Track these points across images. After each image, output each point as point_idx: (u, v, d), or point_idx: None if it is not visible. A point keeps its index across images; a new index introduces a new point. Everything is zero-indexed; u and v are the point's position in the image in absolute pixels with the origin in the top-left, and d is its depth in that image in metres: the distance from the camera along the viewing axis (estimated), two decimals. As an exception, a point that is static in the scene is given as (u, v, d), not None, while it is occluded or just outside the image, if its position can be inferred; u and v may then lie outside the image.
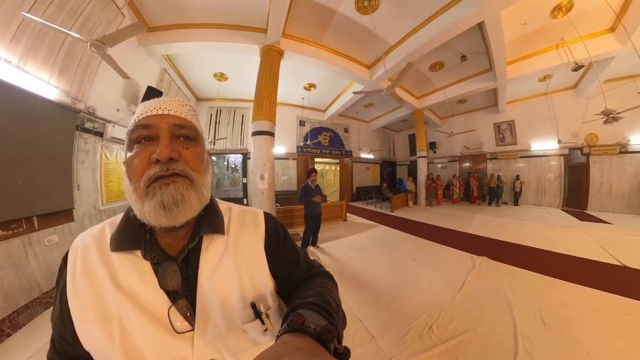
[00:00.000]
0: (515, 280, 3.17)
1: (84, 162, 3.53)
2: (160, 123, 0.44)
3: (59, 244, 2.99)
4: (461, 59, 6.70)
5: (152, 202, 0.41)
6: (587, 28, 5.36)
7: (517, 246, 4.63)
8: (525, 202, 9.80)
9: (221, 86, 7.46)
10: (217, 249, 0.50)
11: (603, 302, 2.64)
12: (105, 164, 3.96)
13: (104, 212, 3.87)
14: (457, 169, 12.07)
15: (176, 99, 0.50)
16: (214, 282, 0.47)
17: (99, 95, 3.75)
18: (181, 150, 0.45)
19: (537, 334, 2.09)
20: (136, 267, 0.45)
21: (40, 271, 2.72)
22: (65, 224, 3.14)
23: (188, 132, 0.47)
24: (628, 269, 3.57)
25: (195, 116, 0.51)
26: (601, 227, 6.23)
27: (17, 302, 2.40)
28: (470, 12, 4.26)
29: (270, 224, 0.59)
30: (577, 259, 3.96)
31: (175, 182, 0.42)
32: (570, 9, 4.81)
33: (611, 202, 7.91)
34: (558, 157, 9.17)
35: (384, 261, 3.96)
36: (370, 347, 1.99)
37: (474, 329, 2.17)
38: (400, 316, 2.42)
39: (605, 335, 2.08)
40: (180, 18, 4.64)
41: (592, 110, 7.13)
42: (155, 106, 0.46)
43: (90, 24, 3.40)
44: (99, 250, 0.46)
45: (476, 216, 7.67)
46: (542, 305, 2.55)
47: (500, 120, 10.35)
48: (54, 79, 3.05)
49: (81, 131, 3.45)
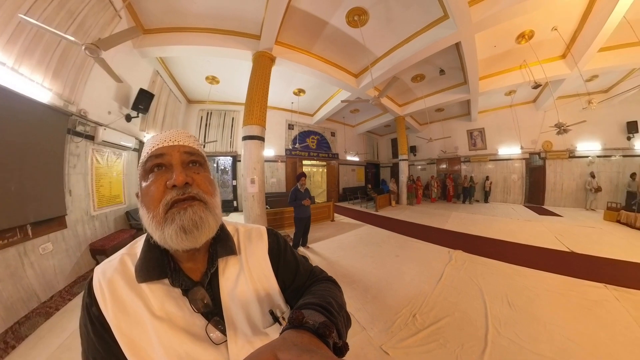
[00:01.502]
0: (486, 269, 3.50)
1: (76, 167, 3.40)
2: (172, 152, 0.48)
3: (53, 252, 2.88)
4: (440, 73, 7.22)
5: (172, 227, 0.42)
6: (544, 54, 6.18)
7: (487, 239, 5.08)
8: (494, 200, 10.78)
9: (212, 89, 7.38)
10: (233, 270, 0.54)
11: (556, 283, 3.05)
12: (97, 168, 3.83)
13: (95, 217, 3.73)
14: (435, 170, 12.85)
15: (182, 131, 0.54)
16: (236, 298, 0.51)
17: (91, 98, 3.62)
18: (193, 176, 0.48)
19: (504, 314, 2.37)
20: (168, 294, 0.47)
21: (38, 281, 2.62)
22: (59, 231, 3.02)
23: (197, 159, 0.51)
24: (575, 254, 4.16)
25: (200, 145, 0.55)
26: (555, 219, 7.05)
27: (18, 313, 2.32)
28: (449, 33, 4.70)
29: (273, 238, 0.64)
30: (536, 248, 4.49)
31: (192, 206, 0.44)
32: (531, 37, 5.57)
33: (563, 198, 9.16)
34: (521, 161, 10.28)
35: (370, 258, 4.07)
36: (362, 337, 2.10)
37: (451, 314, 2.38)
38: (387, 307, 2.55)
39: (557, 310, 2.44)
40: (176, 21, 4.59)
41: (547, 122, 8.29)
42: (166, 138, 0.50)
43: (86, 25, 3.31)
44: (126, 282, 0.47)
45: (452, 213, 8.17)
46: (508, 290, 2.86)
47: (473, 127, 11.31)
48: (47, 81, 2.94)
49: (73, 135, 3.32)
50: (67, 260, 3.09)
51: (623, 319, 2.29)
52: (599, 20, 4.57)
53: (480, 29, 4.59)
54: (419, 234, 5.52)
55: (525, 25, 5.18)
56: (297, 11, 4.44)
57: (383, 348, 1.94)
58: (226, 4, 4.22)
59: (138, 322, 0.44)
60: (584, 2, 4.54)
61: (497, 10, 4.16)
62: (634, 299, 2.64)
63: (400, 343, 2.01)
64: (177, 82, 6.99)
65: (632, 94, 6.30)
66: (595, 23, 4.71)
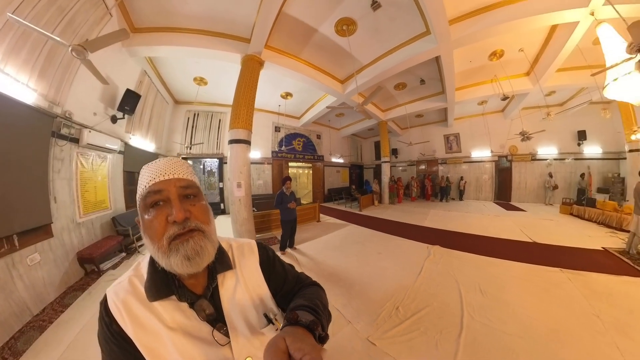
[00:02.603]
0: (461, 262, 3.77)
1: (60, 172, 3.23)
2: (169, 187, 0.51)
3: (41, 262, 2.73)
4: (420, 82, 7.70)
5: (177, 257, 0.48)
6: (512, 70, 6.96)
7: (462, 234, 5.47)
8: (468, 197, 11.65)
9: (200, 90, 7.23)
10: (230, 283, 0.61)
11: (522, 271, 3.41)
12: (81, 172, 3.66)
13: (82, 224, 3.56)
14: (415, 171, 13.51)
15: (176, 160, 0.58)
16: (235, 305, 0.58)
17: (76, 99, 3.47)
18: (190, 208, 0.52)
19: (477, 301, 2.60)
20: (177, 308, 0.54)
21: (28, 294, 2.50)
22: (45, 240, 2.86)
23: (192, 190, 0.54)
24: (536, 244, 4.68)
25: (193, 173, 0.59)
26: (520, 214, 7.81)
27: (12, 328, 2.23)
28: (430, 47, 5.06)
29: (262, 251, 0.71)
30: (504, 240, 4.97)
31: (193, 237, 0.50)
32: (502, 56, 6.28)
33: (526, 195, 10.29)
34: (491, 163, 11.29)
35: (354, 257, 4.16)
36: (349, 330, 2.19)
37: (431, 305, 2.54)
38: (372, 302, 2.65)
39: (522, 293, 2.75)
40: (167, 21, 4.47)
41: (514, 129, 9.16)
42: (161, 171, 0.53)
43: (76, 23, 3.18)
44: (139, 302, 0.53)
45: (430, 211, 8.65)
46: (480, 279, 3.12)
47: (449, 132, 12.11)
48: (33, 81, 2.80)
49: (57, 138, 3.16)
50: (55, 270, 2.95)
51: (575, 296, 2.69)
52: (558, 46, 5.31)
53: (458, 45, 5.04)
54: (400, 232, 5.72)
55: (497, 45, 5.82)
56: (288, 17, 4.49)
57: (370, 339, 2.05)
58: (218, 6, 4.18)
59: (155, 334, 0.50)
60: (546, 30, 5.21)
61: (473, 31, 4.61)
62: (583, 279, 3.09)
63: (385, 334, 2.13)
64: (164, 83, 6.77)
65: (581, 108, 7.19)
66: (555, 48, 5.47)
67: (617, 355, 1.83)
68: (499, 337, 2.04)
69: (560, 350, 1.88)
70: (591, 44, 5.14)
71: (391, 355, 1.88)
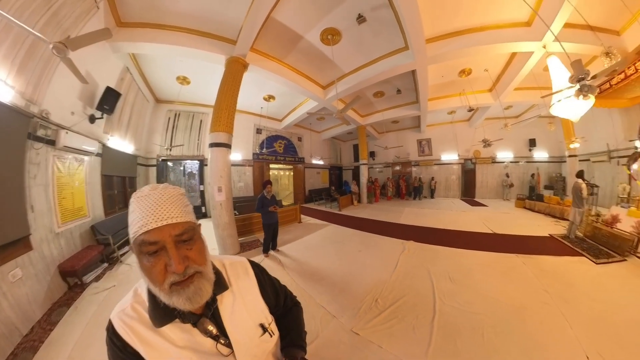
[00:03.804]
0: (433, 254, 4.06)
1: (36, 178, 2.93)
2: (164, 237, 0.50)
3: (23, 278, 2.50)
4: (397, 92, 8.26)
5: (179, 298, 0.51)
6: (477, 86, 7.86)
7: (433, 229, 5.90)
8: (438, 196, 12.73)
9: (182, 89, 6.97)
10: (228, 301, 0.65)
11: (485, 258, 3.83)
12: (58, 177, 3.33)
13: (60, 235, 3.27)
14: (391, 172, 14.27)
15: (169, 195, 0.55)
16: (234, 320, 0.64)
17: (54, 97, 3.20)
18: (188, 254, 0.53)
19: (447, 288, 2.87)
20: (182, 329, 0.58)
21: (14, 313, 2.30)
22: (25, 254, 2.61)
23: (188, 235, 0.54)
24: (496, 234, 5.30)
25: (187, 205, 0.58)
26: (483, 209, 8.72)
27: (4, 351, 2.07)
28: (408, 62, 5.51)
29: (256, 270, 0.77)
30: (470, 232, 5.51)
31: (193, 281, 0.52)
32: (470, 74, 7.09)
33: (488, 192, 11.74)
34: (458, 165, 12.53)
35: (335, 255, 4.25)
36: (334, 324, 2.31)
37: (407, 295, 2.73)
38: (354, 296, 2.78)
39: (485, 277, 3.12)
40: (155, 18, 4.30)
41: (477, 136, 10.44)
42: (154, 213, 0.51)
43: (61, 15, 2.98)
44: (147, 328, 0.56)
45: (405, 209, 9.14)
46: (450, 268, 3.42)
47: (422, 137, 13.11)
48: (11, 77, 2.58)
49: (33, 140, 2.89)
50: (38, 286, 2.73)
51: (528, 276, 3.17)
52: (516, 70, 6.20)
53: (432, 62, 5.58)
54: (377, 230, 5.94)
55: (466, 64, 6.59)
56: (275, 23, 4.54)
57: (354, 330, 2.19)
58: (208, 6, 4.10)
59: (166, 353, 0.55)
60: (507, 56, 6.07)
61: (447, 50, 5.17)
62: (534, 262, 3.64)
63: (367, 324, 2.27)
64: (147, 80, 6.42)
65: (532, 121, 9.11)
66: (513, 71, 6.36)
67: (562, 319, 2.27)
68: (468, 317, 2.32)
69: (519, 321, 2.24)
70: (542, 70, 6.03)
71: (374, 342, 2.04)
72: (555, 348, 1.91)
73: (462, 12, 4.56)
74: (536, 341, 1.99)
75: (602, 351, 1.85)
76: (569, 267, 3.45)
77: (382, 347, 1.98)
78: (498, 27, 4.83)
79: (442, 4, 4.30)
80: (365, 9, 4.31)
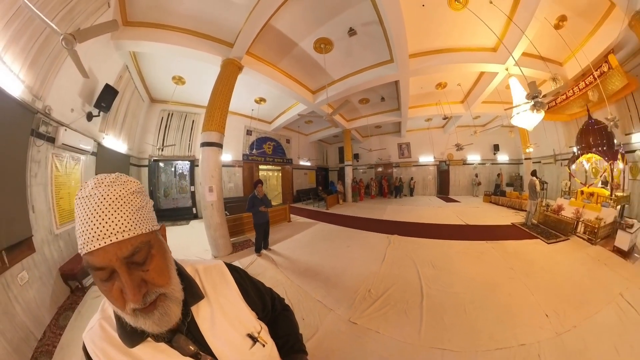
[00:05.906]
0: (416, 246, 4.35)
1: (37, 176, 2.80)
2: (111, 260, 0.40)
3: (30, 281, 2.40)
4: (381, 100, 8.76)
5: (145, 322, 0.43)
6: (451, 98, 8.69)
7: (415, 224, 6.32)
8: (417, 194, 13.63)
9: (177, 89, 6.81)
10: (206, 312, 0.55)
11: (460, 247, 4.25)
12: (56, 177, 3.18)
13: (59, 236, 3.11)
14: (374, 173, 14.91)
15: (112, 193, 0.43)
16: (217, 334, 0.54)
17: (57, 93, 3.11)
18: (145, 277, 0.43)
19: (431, 274, 3.14)
20: (156, 349, 0.48)
21: (27, 316, 2.24)
22: (29, 256, 2.50)
23: (141, 255, 0.43)
24: (469, 225, 5.90)
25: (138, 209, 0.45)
26: (456, 204, 9.53)
27: (26, 355, 2.02)
28: (392, 73, 5.96)
29: (235, 275, 0.65)
30: (446, 225, 6.03)
31: (156, 307, 0.43)
32: (445, 87, 7.93)
33: (460, 190, 12.95)
34: (434, 166, 13.57)
35: (326, 252, 4.29)
36: (332, 316, 2.38)
37: (396, 283, 2.89)
38: (347, 289, 2.86)
39: (462, 263, 3.49)
40: (159, 18, 4.30)
41: (451, 141, 11.25)
42: (94, 229, 0.39)
43: (75, 11, 2.96)
44: (117, 349, 0.48)
45: (388, 207, 9.56)
46: (432, 257, 3.72)
47: (402, 141, 13.94)
48: (23, 72, 2.52)
49: (35, 137, 2.77)
50: (44, 289, 2.63)
51: (496, 258, 3.66)
52: (483, 86, 7.19)
53: (414, 75, 6.12)
54: (364, 226, 6.16)
55: (442, 78, 7.43)
56: (273, 29, 4.65)
57: (351, 320, 2.29)
58: (210, 8, 4.15)
59: None
60: (477, 74, 6.95)
61: (427, 65, 5.76)
62: (500, 246, 4.17)
63: (362, 313, 2.38)
64: (143, 79, 6.23)
65: (496, 129, 10.49)
66: (481, 87, 7.35)
67: (525, 289, 2.73)
68: (451, 297, 2.60)
69: (492, 295, 2.63)
70: (504, 88, 6.83)
71: (372, 329, 2.15)
72: (522, 312, 2.33)
73: (442, 34, 5.13)
74: (507, 309, 2.39)
75: (557, 309, 2.31)
76: (528, 248, 4.05)
77: (380, 332, 2.12)
78: (470, 49, 5.53)
79: (426, 26, 4.81)
80: (356, 23, 4.63)
